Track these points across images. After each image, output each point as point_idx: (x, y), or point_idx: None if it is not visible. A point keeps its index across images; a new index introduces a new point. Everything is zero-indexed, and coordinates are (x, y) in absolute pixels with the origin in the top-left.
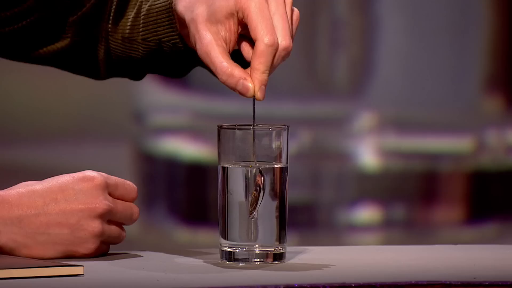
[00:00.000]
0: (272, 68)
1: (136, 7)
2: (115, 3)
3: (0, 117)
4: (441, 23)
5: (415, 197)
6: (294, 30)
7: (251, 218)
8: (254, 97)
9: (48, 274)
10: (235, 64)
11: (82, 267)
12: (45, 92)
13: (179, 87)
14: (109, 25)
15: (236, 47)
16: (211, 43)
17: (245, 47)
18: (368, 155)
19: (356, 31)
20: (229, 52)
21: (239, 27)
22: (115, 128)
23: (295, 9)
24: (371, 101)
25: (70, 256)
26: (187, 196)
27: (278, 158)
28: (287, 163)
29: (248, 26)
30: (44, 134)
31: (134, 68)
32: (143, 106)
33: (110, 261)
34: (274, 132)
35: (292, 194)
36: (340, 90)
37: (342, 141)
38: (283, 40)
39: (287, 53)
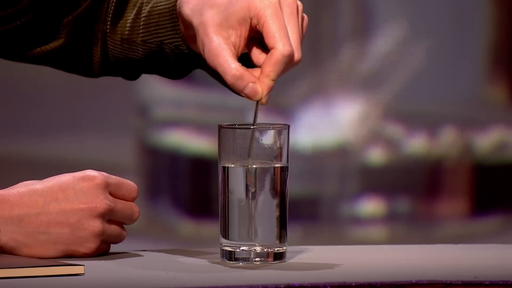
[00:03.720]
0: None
1: (136, 9)
2: (113, 4)
3: (3, 110)
4: (443, 15)
5: (419, 190)
6: (302, 37)
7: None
8: (258, 101)
9: (49, 274)
10: (243, 67)
11: (83, 266)
12: (48, 85)
13: (183, 80)
14: (107, 26)
15: (245, 51)
16: (220, 46)
17: (255, 52)
18: (371, 148)
19: (359, 23)
20: (236, 57)
21: (250, 32)
22: (119, 122)
23: (305, 16)
24: (375, 94)
25: (70, 256)
26: (191, 189)
27: (278, 157)
28: (287, 162)
29: (264, 34)
30: (48, 127)
31: (131, 69)
32: (147, 100)
33: (110, 261)
34: (274, 132)
35: (296, 188)
36: (344, 84)
37: (345, 134)
38: (295, 53)
39: (295, 65)
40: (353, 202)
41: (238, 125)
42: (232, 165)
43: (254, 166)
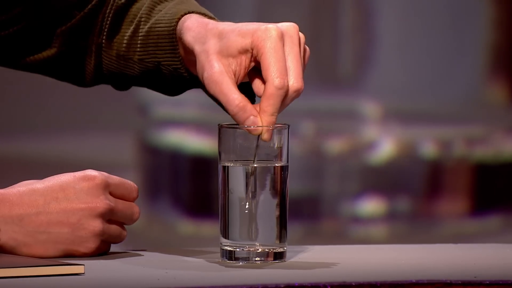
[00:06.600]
0: (282, 108)
1: (133, 25)
2: (109, 18)
3: (2, 110)
4: (442, 13)
5: (419, 189)
6: (304, 68)
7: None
8: (259, 136)
9: (49, 273)
10: (246, 98)
11: (83, 266)
12: (48, 84)
13: None
14: (103, 40)
15: (247, 80)
16: (222, 74)
17: (256, 82)
18: (371, 147)
19: (358, 23)
20: (236, 85)
21: (252, 63)
22: (120, 121)
23: (307, 48)
24: (375, 92)
25: (70, 255)
26: (191, 189)
27: (278, 157)
28: (287, 162)
29: (261, 65)
30: (49, 127)
31: (124, 82)
32: (147, 99)
33: (110, 260)
34: (274, 131)
35: (297, 187)
36: (343, 82)
37: (346, 134)
38: (295, 82)
39: (298, 94)
40: (354, 201)
41: (238, 124)
42: (232, 165)
43: (255, 165)
